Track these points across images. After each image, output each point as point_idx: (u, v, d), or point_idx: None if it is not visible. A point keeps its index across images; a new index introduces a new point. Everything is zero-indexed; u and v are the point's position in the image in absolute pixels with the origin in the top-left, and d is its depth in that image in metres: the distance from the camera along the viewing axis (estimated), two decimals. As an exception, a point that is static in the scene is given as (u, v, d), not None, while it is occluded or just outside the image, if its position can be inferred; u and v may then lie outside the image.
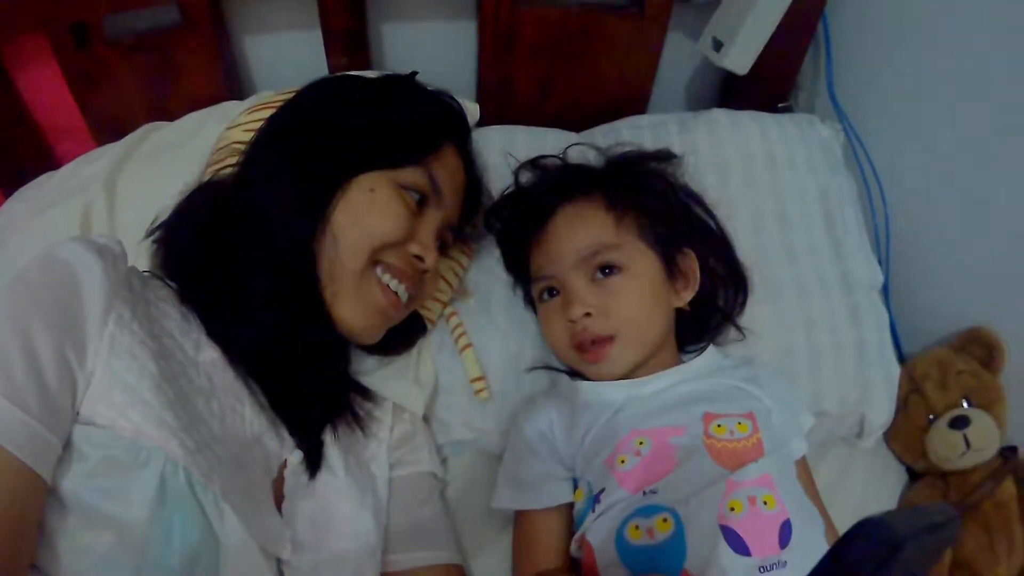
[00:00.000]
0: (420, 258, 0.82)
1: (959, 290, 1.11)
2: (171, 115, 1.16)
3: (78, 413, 0.63)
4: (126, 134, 1.14)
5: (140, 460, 0.62)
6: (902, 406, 1.07)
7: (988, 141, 1.02)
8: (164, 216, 0.84)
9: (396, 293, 0.82)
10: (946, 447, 1.00)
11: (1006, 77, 0.98)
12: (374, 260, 0.80)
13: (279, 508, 0.76)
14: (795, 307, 1.06)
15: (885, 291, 1.17)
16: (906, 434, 1.07)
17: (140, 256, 0.83)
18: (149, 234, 0.83)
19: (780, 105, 1.35)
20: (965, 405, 1.02)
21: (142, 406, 0.64)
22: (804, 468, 0.92)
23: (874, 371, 1.06)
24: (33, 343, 0.61)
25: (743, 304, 1.03)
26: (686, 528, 0.74)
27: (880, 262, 1.16)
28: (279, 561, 0.73)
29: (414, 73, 0.92)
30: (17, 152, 1.16)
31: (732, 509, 0.75)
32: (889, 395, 1.06)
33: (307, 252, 0.77)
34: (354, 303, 0.79)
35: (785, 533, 0.75)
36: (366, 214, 0.78)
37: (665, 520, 0.76)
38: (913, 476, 1.09)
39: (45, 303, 0.64)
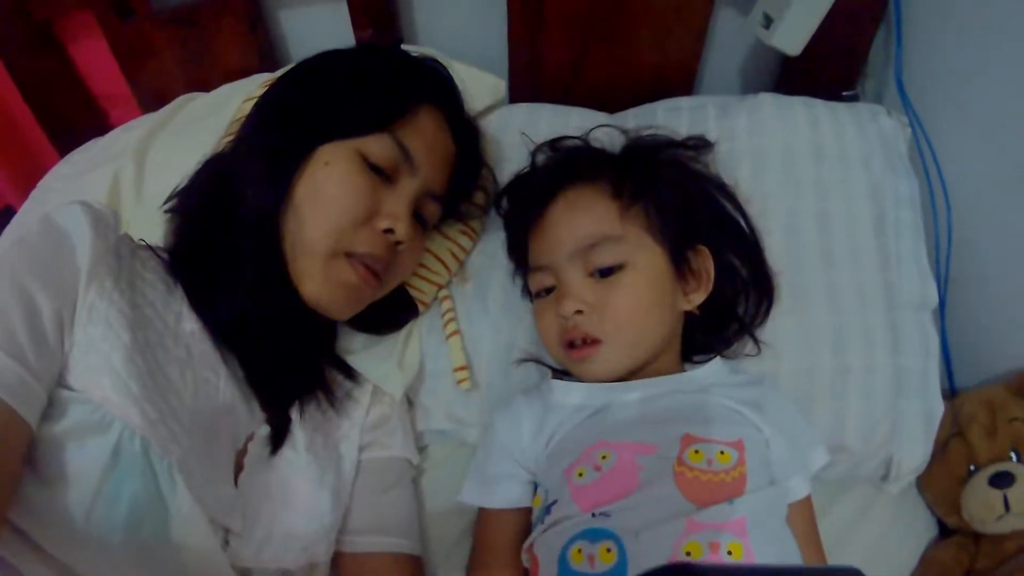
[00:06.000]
0: (391, 231, 0.80)
1: (1026, 320, 0.95)
2: (209, 87, 1.22)
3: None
4: (168, 103, 1.21)
5: (104, 424, 0.66)
6: (940, 449, 0.93)
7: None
8: (181, 186, 0.88)
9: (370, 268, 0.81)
10: (982, 507, 0.86)
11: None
12: (344, 251, 0.78)
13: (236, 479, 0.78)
14: (824, 320, 0.93)
15: (941, 313, 1.02)
16: (941, 483, 0.92)
17: (161, 225, 0.86)
18: (166, 203, 0.87)
19: (845, 93, 1.21)
20: (1013, 459, 0.87)
21: (111, 374, 0.67)
22: (803, 511, 0.81)
23: (911, 405, 0.92)
24: (34, 304, 0.66)
25: (766, 313, 0.93)
26: (629, 564, 0.67)
27: (937, 279, 1.01)
28: (227, 531, 0.74)
29: (398, 42, 0.92)
30: (72, 118, 1.27)
31: (688, 553, 0.66)
32: (927, 435, 0.92)
33: (273, 225, 0.78)
34: (320, 281, 0.79)
35: (748, 589, 0.64)
36: (322, 187, 0.78)
37: (609, 550, 0.69)
38: (944, 531, 0.95)
39: (44, 266, 0.69)
